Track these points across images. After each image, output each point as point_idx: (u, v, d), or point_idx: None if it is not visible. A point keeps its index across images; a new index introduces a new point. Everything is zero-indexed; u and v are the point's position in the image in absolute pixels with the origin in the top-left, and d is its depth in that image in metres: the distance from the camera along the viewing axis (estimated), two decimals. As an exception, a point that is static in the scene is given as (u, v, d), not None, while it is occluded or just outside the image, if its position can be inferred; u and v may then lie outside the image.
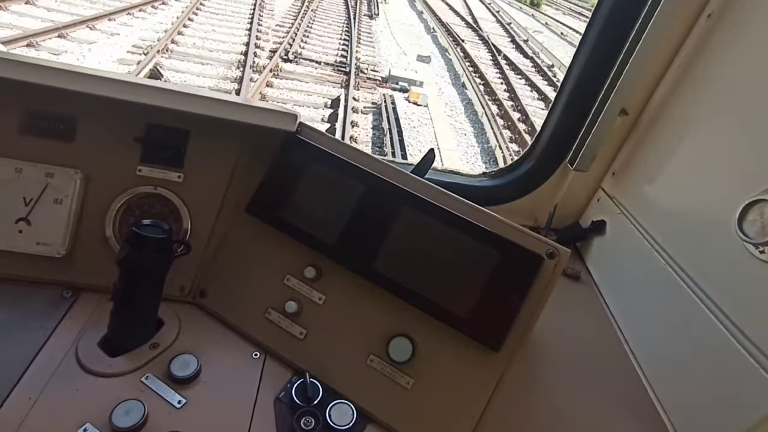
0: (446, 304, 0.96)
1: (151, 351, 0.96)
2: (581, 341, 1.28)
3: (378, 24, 15.73)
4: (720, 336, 1.00)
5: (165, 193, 1.08)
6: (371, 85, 9.99)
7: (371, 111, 8.85)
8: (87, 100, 0.99)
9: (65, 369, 0.90)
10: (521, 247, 0.95)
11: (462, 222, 0.99)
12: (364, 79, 10.13)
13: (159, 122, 1.08)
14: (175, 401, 0.89)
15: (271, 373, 0.99)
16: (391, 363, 0.97)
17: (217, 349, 1.01)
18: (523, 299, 0.93)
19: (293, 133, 1.08)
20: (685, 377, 1.08)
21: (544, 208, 1.59)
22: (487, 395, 0.93)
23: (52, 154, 1.04)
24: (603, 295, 1.42)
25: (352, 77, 9.72)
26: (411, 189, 1.03)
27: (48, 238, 1.03)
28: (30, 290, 1.03)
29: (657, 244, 1.25)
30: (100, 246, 1.06)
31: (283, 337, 1.02)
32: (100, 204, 1.06)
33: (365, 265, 1.00)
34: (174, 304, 1.06)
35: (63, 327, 0.98)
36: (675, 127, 1.29)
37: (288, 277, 1.05)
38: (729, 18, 1.18)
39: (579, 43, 1.40)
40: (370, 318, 1.01)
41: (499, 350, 0.92)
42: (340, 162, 1.06)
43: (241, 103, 1.05)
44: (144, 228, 0.89)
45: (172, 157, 1.09)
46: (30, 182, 1.03)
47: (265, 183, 1.08)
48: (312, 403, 0.92)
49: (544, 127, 1.53)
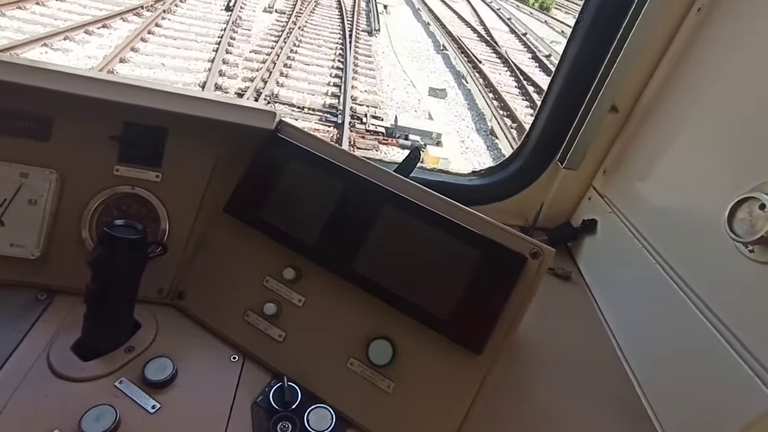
0: (427, 306, 0.93)
1: (126, 354, 0.94)
2: (571, 342, 1.26)
3: (379, 42, 13.06)
4: (710, 337, 0.97)
5: (143, 193, 1.06)
6: (372, 142, 7.40)
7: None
8: (62, 99, 0.97)
9: (36, 374, 0.88)
10: (504, 246, 0.93)
11: (444, 221, 0.96)
12: (362, 133, 7.58)
13: (136, 121, 1.06)
14: (149, 406, 0.87)
15: (249, 376, 0.97)
16: (371, 366, 0.95)
17: (194, 352, 0.99)
18: (506, 300, 0.91)
19: (272, 131, 1.06)
20: (675, 378, 1.06)
21: (534, 208, 1.56)
22: (469, 398, 0.91)
23: (27, 153, 1.02)
24: (594, 295, 1.40)
25: (345, 131, 7.20)
26: (392, 188, 1.01)
27: (22, 239, 1.01)
28: (3, 292, 1.00)
29: (648, 243, 1.23)
30: (76, 247, 1.04)
31: (262, 340, 1.00)
32: (76, 204, 1.04)
33: (345, 266, 0.98)
34: (152, 306, 1.03)
35: (36, 330, 0.95)
36: (666, 124, 1.26)
37: (267, 278, 1.03)
38: (719, 12, 1.15)
39: (568, 39, 1.38)
40: (349, 320, 0.98)
41: (480, 353, 0.90)
42: (321, 160, 1.04)
43: (219, 101, 1.03)
44: (116, 228, 0.87)
45: (150, 156, 1.07)
46: (3, 182, 1.01)
47: (243, 182, 1.06)
48: (290, 407, 0.90)
49: (534, 125, 1.51)
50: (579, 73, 1.35)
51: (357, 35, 12.38)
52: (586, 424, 1.05)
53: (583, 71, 1.34)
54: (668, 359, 1.09)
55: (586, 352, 1.24)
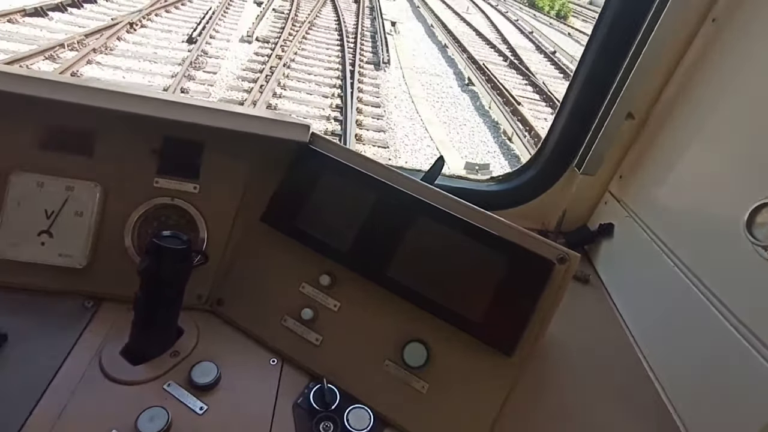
0: (459, 310, 0.97)
1: (171, 359, 0.98)
2: (591, 344, 1.29)
3: (389, 78, 10.24)
4: (730, 338, 1.01)
5: (181, 204, 1.11)
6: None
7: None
8: (105, 115, 1.02)
9: (90, 377, 0.93)
10: (532, 252, 0.97)
11: (473, 228, 1.00)
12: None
13: (175, 135, 1.10)
14: (197, 408, 0.91)
15: (288, 379, 1.01)
16: (406, 368, 0.99)
17: (235, 356, 1.03)
18: (535, 304, 0.95)
19: (306, 144, 1.10)
20: (697, 380, 1.09)
21: (551, 212, 1.60)
22: (501, 399, 0.95)
23: (72, 167, 1.07)
24: (612, 297, 1.44)
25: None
26: (422, 196, 1.05)
27: (69, 249, 1.05)
28: (53, 301, 1.05)
29: (666, 246, 1.27)
30: (120, 256, 1.09)
31: (300, 344, 1.04)
32: (118, 215, 1.09)
33: (379, 272, 1.03)
34: (192, 312, 1.08)
35: (86, 336, 1.00)
36: (682, 130, 1.30)
37: (303, 284, 1.07)
38: (733, 22, 1.19)
39: (585, 47, 1.42)
40: (384, 324, 1.03)
41: (511, 355, 0.94)
42: (353, 171, 1.08)
43: (254, 115, 1.08)
44: (164, 239, 0.91)
45: (188, 169, 1.12)
46: (51, 195, 1.05)
47: (279, 192, 1.11)
48: (330, 408, 0.95)
49: (551, 132, 1.55)
50: (596, 81, 1.39)
51: (360, 70, 9.94)
52: (609, 424, 1.09)
53: (599, 79, 1.38)
54: (690, 361, 1.13)
55: (606, 353, 1.28)
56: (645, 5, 1.24)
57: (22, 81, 1.00)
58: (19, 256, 1.04)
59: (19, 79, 1.00)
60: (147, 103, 1.04)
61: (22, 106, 1.02)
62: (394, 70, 11.01)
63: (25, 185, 1.04)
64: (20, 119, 1.06)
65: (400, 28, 15.56)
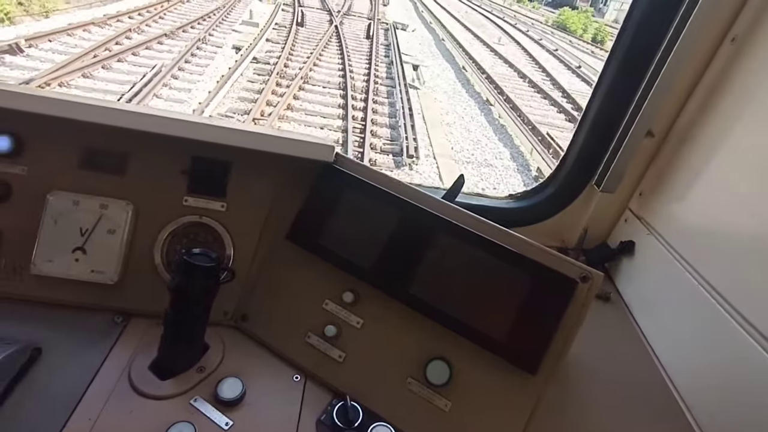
0: (482, 328, 0.98)
1: (198, 374, 1.00)
2: (614, 363, 1.28)
3: (418, 178, 7.07)
4: (758, 358, 0.99)
5: (209, 222, 1.14)
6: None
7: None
8: (138, 136, 1.06)
9: (120, 391, 0.95)
10: (555, 271, 0.98)
11: (494, 246, 1.01)
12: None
13: (203, 155, 1.14)
14: (223, 423, 0.93)
15: (312, 395, 1.02)
16: (429, 386, 0.99)
17: (259, 372, 1.05)
18: (558, 322, 0.95)
19: (330, 163, 1.13)
20: (723, 400, 1.07)
21: (570, 230, 1.60)
22: (524, 418, 0.95)
23: (106, 187, 1.11)
24: (634, 316, 1.42)
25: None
26: (444, 215, 1.06)
27: (102, 266, 1.09)
28: (85, 316, 1.08)
29: (689, 264, 1.26)
30: (149, 273, 1.12)
31: (323, 361, 1.05)
32: (149, 233, 1.13)
33: (402, 290, 1.04)
34: (218, 328, 1.10)
35: (116, 351, 1.03)
36: (703, 148, 1.30)
37: (327, 301, 1.09)
38: (753, 41, 1.19)
39: (604, 65, 1.43)
40: (407, 341, 1.03)
41: (535, 373, 0.94)
42: (376, 190, 1.10)
43: (279, 136, 1.11)
44: (194, 256, 0.94)
45: (216, 188, 1.15)
46: (86, 213, 1.10)
47: (304, 211, 1.13)
48: (353, 425, 0.95)
49: (570, 149, 1.56)
50: (615, 98, 1.40)
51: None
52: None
53: (619, 97, 1.39)
54: (715, 380, 1.11)
55: (630, 373, 1.26)
56: (665, 24, 1.26)
57: (60, 104, 1.04)
58: (53, 272, 1.08)
59: (57, 103, 1.04)
60: (177, 125, 1.08)
61: (59, 127, 1.07)
62: (426, 166, 7.40)
63: (61, 204, 1.08)
64: (58, 140, 1.10)
65: (424, 73, 12.14)
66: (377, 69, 11.69)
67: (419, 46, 16.04)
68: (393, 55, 13.15)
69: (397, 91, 10.20)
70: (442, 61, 14.86)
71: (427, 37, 18.37)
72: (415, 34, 18.16)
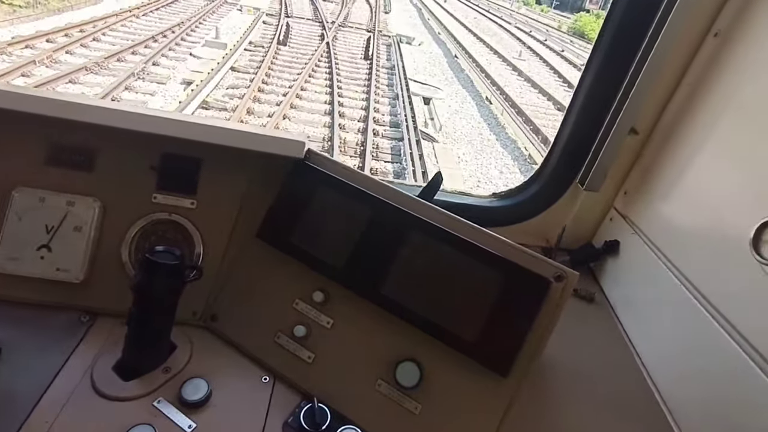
0: (453, 329, 0.95)
1: (163, 375, 0.98)
2: (596, 363, 1.25)
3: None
4: (738, 358, 0.97)
5: (179, 219, 1.12)
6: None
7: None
8: (106, 132, 1.04)
9: (80, 393, 0.93)
10: (528, 270, 0.95)
11: (468, 245, 0.99)
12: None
13: (173, 151, 1.12)
14: (186, 425, 0.90)
15: (280, 397, 1.00)
16: (399, 388, 0.97)
17: (227, 373, 1.02)
18: (531, 323, 0.92)
19: (302, 159, 1.10)
20: (703, 400, 1.05)
21: (555, 229, 1.58)
22: (496, 421, 0.92)
23: (73, 183, 1.09)
24: (618, 316, 1.40)
25: None
26: (417, 213, 1.04)
27: (67, 264, 1.07)
28: (49, 314, 1.06)
29: (671, 264, 1.23)
30: (117, 271, 1.09)
31: (292, 361, 1.03)
32: (116, 231, 1.10)
33: (373, 290, 1.01)
34: (186, 327, 1.08)
35: (80, 351, 1.00)
36: (687, 146, 1.27)
37: (297, 301, 1.07)
38: (736, 36, 1.17)
39: (586, 63, 1.41)
40: (377, 342, 1.01)
41: (507, 375, 0.91)
42: (348, 187, 1.08)
43: (250, 132, 1.08)
44: (157, 254, 0.92)
45: (186, 185, 1.13)
46: (52, 211, 1.07)
47: (274, 208, 1.11)
48: (320, 428, 0.93)
49: (554, 148, 1.53)
50: (598, 96, 1.38)
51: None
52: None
53: (602, 94, 1.37)
54: (696, 380, 1.09)
55: (611, 373, 1.24)
56: (647, 20, 1.23)
57: (26, 99, 1.02)
58: (17, 270, 1.05)
59: (22, 98, 1.02)
60: (146, 120, 1.06)
61: (25, 123, 1.05)
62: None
63: (26, 200, 1.06)
64: (23, 136, 1.08)
65: (438, 108, 9.55)
66: (377, 108, 9.14)
67: (429, 66, 13.75)
68: (398, 84, 10.48)
69: (406, 148, 7.47)
70: (459, 88, 12.24)
71: (436, 52, 15.81)
72: (423, 48, 15.76)
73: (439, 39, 18.19)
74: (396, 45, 14.69)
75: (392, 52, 13.85)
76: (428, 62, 14.26)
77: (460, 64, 14.58)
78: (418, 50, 15.31)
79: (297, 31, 14.32)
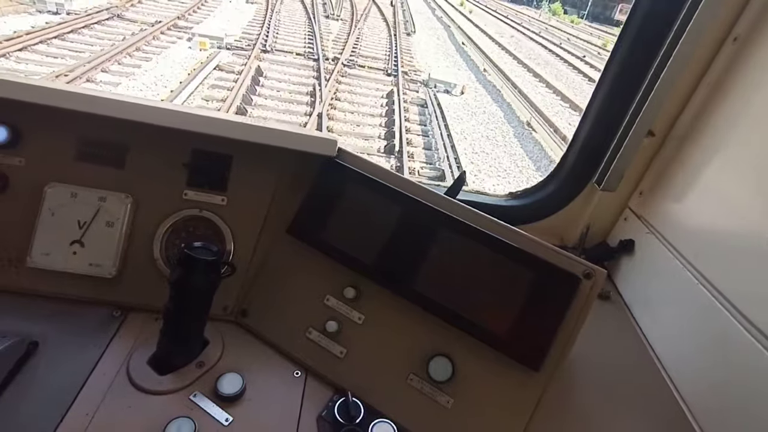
0: (485, 324, 0.97)
1: (197, 369, 0.99)
2: (613, 361, 1.28)
3: None
4: (757, 354, 1.00)
5: (209, 216, 1.13)
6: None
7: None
8: (138, 128, 1.05)
9: (118, 386, 0.94)
10: (559, 267, 0.97)
11: (499, 242, 1.01)
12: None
13: (204, 148, 1.13)
14: (223, 419, 0.92)
15: (312, 391, 1.01)
16: (431, 382, 0.99)
17: (259, 367, 1.04)
18: (562, 319, 0.95)
19: (333, 158, 1.12)
20: (721, 397, 1.08)
21: (570, 228, 1.60)
22: (527, 415, 0.94)
23: (105, 179, 1.10)
24: (633, 314, 1.42)
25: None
26: (446, 210, 1.06)
27: (100, 259, 1.08)
28: (82, 309, 1.07)
29: (688, 263, 1.26)
30: (148, 267, 1.10)
31: (324, 356, 1.05)
32: (148, 226, 1.11)
33: (403, 285, 1.03)
34: (217, 323, 1.09)
35: (114, 345, 1.01)
36: (704, 148, 1.30)
37: (328, 297, 1.08)
38: (755, 41, 1.20)
39: (605, 65, 1.43)
40: (409, 337, 1.03)
41: (538, 370, 0.94)
42: (378, 185, 1.09)
43: (282, 129, 1.09)
44: (195, 250, 0.93)
45: (217, 181, 1.14)
46: (84, 206, 1.08)
47: (305, 205, 1.12)
48: (354, 421, 0.94)
49: (571, 148, 1.56)
50: (617, 97, 1.40)
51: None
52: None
53: (620, 96, 1.39)
54: (714, 378, 1.11)
55: (629, 371, 1.26)
56: (667, 23, 1.26)
57: (57, 94, 1.03)
58: (51, 266, 1.06)
59: (54, 93, 1.03)
60: (178, 117, 1.07)
61: (56, 119, 1.05)
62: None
63: (59, 196, 1.07)
64: (57, 132, 1.09)
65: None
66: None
67: (487, 143, 8.70)
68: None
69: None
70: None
71: (489, 108, 10.57)
72: (467, 99, 10.69)
73: (481, 74, 13.06)
74: (434, 105, 9.26)
75: (432, 122, 8.70)
76: (486, 136, 9.00)
77: (533, 134, 9.46)
78: (462, 107, 10.04)
79: (273, 82, 9.00)
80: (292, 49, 11.07)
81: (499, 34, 19.52)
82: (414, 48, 14.37)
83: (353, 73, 10.55)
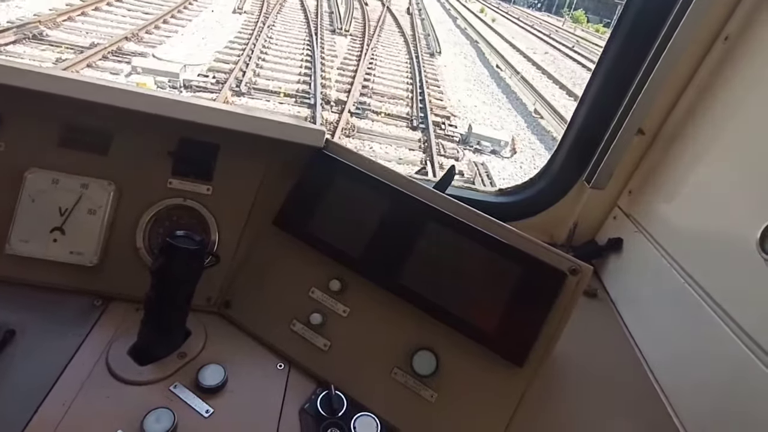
0: (470, 319, 0.97)
1: (179, 360, 0.98)
2: (599, 358, 1.28)
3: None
4: (741, 356, 1.00)
5: (194, 205, 1.11)
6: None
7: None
8: (122, 115, 1.03)
9: (96, 376, 0.92)
10: (544, 263, 0.97)
11: (486, 237, 1.00)
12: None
13: (190, 136, 1.11)
14: (203, 410, 0.90)
15: (295, 384, 1.00)
16: (415, 376, 0.98)
17: (242, 359, 1.02)
18: (547, 315, 0.95)
19: (320, 149, 1.11)
20: (705, 397, 1.08)
21: (559, 225, 1.60)
22: (510, 410, 0.94)
23: (87, 166, 1.08)
24: (620, 312, 1.43)
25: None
26: (435, 204, 1.05)
27: (81, 247, 1.06)
28: (62, 298, 1.05)
29: (675, 262, 1.26)
30: (130, 256, 1.09)
31: (308, 349, 1.04)
32: (131, 215, 1.09)
33: (389, 279, 1.02)
34: (200, 314, 1.08)
35: (94, 335, 1.00)
36: (693, 147, 1.30)
37: (313, 289, 1.07)
38: (746, 41, 1.20)
39: (596, 63, 1.43)
40: (393, 331, 1.02)
41: (522, 365, 0.93)
42: (366, 177, 1.08)
43: (269, 119, 1.08)
44: (177, 239, 0.91)
45: (202, 170, 1.12)
46: (65, 193, 1.06)
47: (292, 196, 1.11)
48: (337, 414, 0.94)
49: (561, 146, 1.56)
50: (607, 95, 1.40)
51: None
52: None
53: (611, 94, 1.39)
54: (698, 377, 1.12)
55: (614, 369, 1.26)
56: (659, 22, 1.26)
57: (40, 78, 1.01)
58: (30, 253, 1.04)
59: (37, 77, 1.01)
60: (164, 104, 1.05)
61: (39, 103, 1.03)
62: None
63: (40, 182, 1.05)
64: (39, 117, 1.06)
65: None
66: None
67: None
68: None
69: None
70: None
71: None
72: (521, 162, 7.91)
73: (535, 120, 10.06)
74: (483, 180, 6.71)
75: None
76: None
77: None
78: (515, 173, 7.54)
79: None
80: (280, 85, 7.76)
81: (532, 50, 16.65)
82: (440, 74, 11.36)
83: (364, 127, 7.33)
